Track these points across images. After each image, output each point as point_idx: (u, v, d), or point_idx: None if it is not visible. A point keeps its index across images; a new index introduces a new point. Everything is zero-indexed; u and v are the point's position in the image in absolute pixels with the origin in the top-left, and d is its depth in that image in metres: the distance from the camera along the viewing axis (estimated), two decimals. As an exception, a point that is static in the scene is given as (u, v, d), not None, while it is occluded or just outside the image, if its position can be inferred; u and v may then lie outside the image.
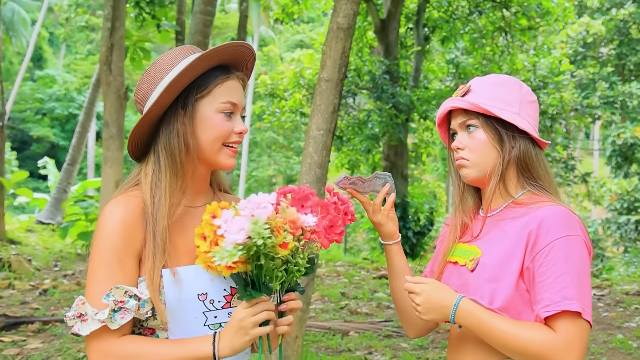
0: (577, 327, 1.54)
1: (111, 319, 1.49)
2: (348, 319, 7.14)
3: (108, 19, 7.46)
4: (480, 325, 1.59)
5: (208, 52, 1.59)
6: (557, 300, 1.55)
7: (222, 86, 1.63)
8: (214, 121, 1.61)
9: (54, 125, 34.53)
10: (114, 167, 7.50)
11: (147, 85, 1.64)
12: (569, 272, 1.56)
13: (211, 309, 1.59)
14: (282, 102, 15.08)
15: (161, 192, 1.58)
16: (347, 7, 4.47)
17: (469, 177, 1.77)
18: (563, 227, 1.60)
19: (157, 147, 1.62)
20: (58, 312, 6.80)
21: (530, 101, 1.77)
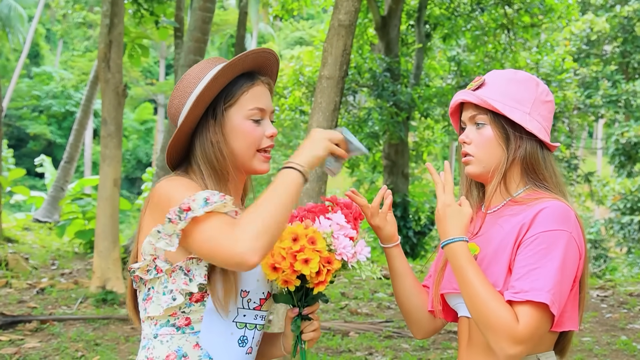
0: (536, 321, 1.55)
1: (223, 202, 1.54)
2: (348, 319, 7.15)
3: (106, 16, 7.46)
4: (462, 269, 1.62)
5: (230, 62, 1.66)
6: (525, 290, 1.56)
7: (249, 93, 1.70)
8: (244, 128, 1.69)
9: (50, 122, 34.51)
10: (111, 165, 7.50)
11: (177, 100, 1.72)
12: (545, 265, 1.57)
13: (245, 307, 1.67)
14: (282, 100, 15.07)
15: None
16: (349, 4, 4.47)
17: (471, 173, 1.79)
18: (553, 221, 1.61)
19: (196, 157, 1.70)
20: (55, 310, 6.81)
21: (544, 101, 1.77)
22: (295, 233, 1.59)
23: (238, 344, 1.66)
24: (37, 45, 38.39)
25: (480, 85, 1.78)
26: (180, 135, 1.69)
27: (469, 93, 1.77)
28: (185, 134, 1.70)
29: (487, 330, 1.56)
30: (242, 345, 1.67)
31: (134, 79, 33.10)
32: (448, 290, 1.80)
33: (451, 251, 1.64)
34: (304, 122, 16.28)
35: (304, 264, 1.57)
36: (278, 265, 1.58)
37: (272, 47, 34.86)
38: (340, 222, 1.65)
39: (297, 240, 1.58)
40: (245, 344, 1.68)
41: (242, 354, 1.67)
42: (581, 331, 6.83)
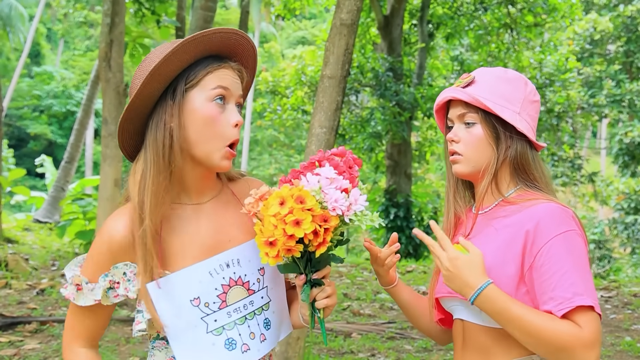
0: (595, 322, 1.53)
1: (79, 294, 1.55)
2: (351, 320, 7.14)
3: (107, 15, 7.46)
4: (503, 311, 1.54)
5: (193, 36, 1.51)
6: (569, 297, 1.53)
7: (213, 74, 1.54)
8: (204, 111, 1.52)
9: (51, 122, 34.55)
10: (112, 165, 7.50)
11: (138, 80, 1.54)
12: (573, 268, 1.55)
13: (208, 313, 1.53)
14: (284, 100, 15.07)
15: (148, 191, 1.50)
16: (351, 3, 4.46)
17: (460, 173, 1.76)
18: (560, 224, 1.59)
19: (146, 143, 1.55)
20: (55, 312, 6.81)
21: (532, 101, 1.75)
22: (281, 196, 1.45)
23: (227, 349, 1.54)
24: (38, 45, 38.45)
25: (469, 82, 1.75)
26: (131, 113, 1.53)
27: (459, 90, 1.74)
28: (138, 113, 1.54)
29: (560, 352, 1.52)
30: (232, 349, 1.55)
31: (135, 78, 33.10)
32: (442, 294, 1.78)
33: (485, 300, 1.56)
34: (306, 122, 16.27)
35: (297, 226, 1.43)
36: (272, 239, 1.44)
37: (274, 46, 34.89)
38: (330, 175, 1.50)
39: (284, 203, 1.44)
40: (235, 345, 1.55)
41: (237, 355, 1.55)
42: (585, 332, 6.81)
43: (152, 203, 1.49)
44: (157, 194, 1.50)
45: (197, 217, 1.60)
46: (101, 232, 1.56)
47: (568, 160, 15.94)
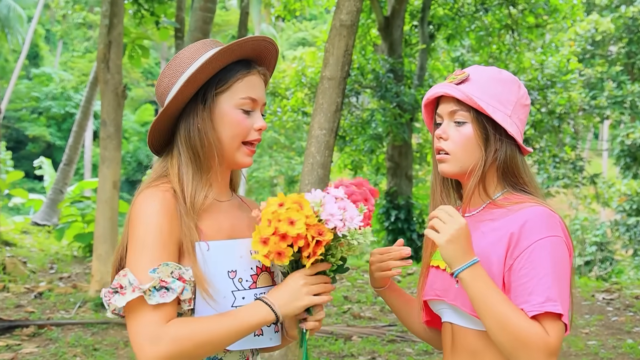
0: (560, 331, 1.54)
1: (150, 294, 1.47)
2: (351, 323, 7.13)
3: (106, 16, 7.46)
4: (483, 292, 1.55)
5: (228, 46, 1.61)
6: (541, 301, 1.53)
7: (243, 81, 1.65)
8: (232, 117, 1.64)
9: (50, 124, 34.54)
10: (111, 167, 7.49)
11: (167, 79, 1.67)
12: (551, 274, 1.55)
13: (240, 289, 1.61)
14: (284, 101, 15.07)
15: (189, 182, 1.61)
16: (351, 4, 4.46)
17: (447, 172, 1.74)
18: (544, 228, 1.59)
19: (178, 142, 1.65)
20: (53, 315, 6.80)
21: (523, 105, 1.75)
22: (282, 199, 1.53)
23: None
24: (37, 46, 38.45)
25: (463, 79, 1.72)
26: (165, 116, 1.64)
27: (452, 87, 1.71)
28: (171, 116, 1.65)
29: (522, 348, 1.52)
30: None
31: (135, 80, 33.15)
32: (430, 297, 1.78)
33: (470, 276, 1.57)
34: (306, 124, 16.27)
35: (290, 225, 1.49)
36: (265, 237, 1.51)
37: (273, 47, 34.87)
38: (338, 195, 1.58)
39: (282, 205, 1.52)
40: None
41: (250, 336, 1.61)
42: (587, 334, 6.81)
43: (192, 194, 1.60)
44: (197, 188, 1.62)
45: (220, 211, 1.69)
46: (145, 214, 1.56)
47: (569, 162, 15.93)
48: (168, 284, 1.49)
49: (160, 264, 1.50)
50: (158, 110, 1.79)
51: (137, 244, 1.53)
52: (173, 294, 1.48)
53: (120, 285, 1.49)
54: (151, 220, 1.53)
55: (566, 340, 6.51)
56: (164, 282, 1.48)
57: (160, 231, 1.53)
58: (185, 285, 1.51)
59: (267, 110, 15.81)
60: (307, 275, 1.56)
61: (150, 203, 1.56)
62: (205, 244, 1.58)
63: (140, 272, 1.49)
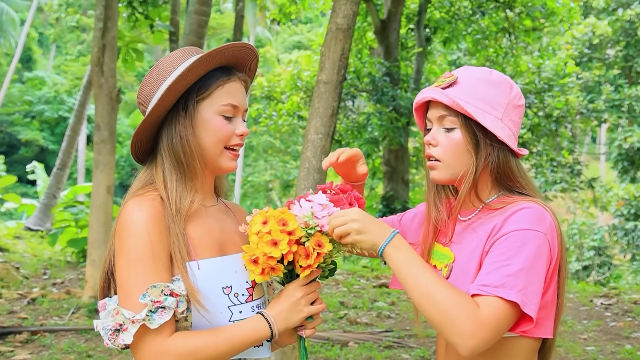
0: (501, 313, 1.48)
1: (149, 320, 1.49)
2: (347, 329, 7.12)
3: (100, 19, 7.46)
4: (407, 264, 1.54)
5: (208, 54, 1.63)
6: (495, 285, 1.50)
7: (223, 88, 1.68)
8: (214, 123, 1.66)
9: (43, 128, 34.48)
10: (105, 171, 7.49)
11: (148, 87, 1.69)
12: (517, 264, 1.51)
13: (236, 303, 1.63)
14: (279, 105, 15.08)
15: (173, 189, 1.63)
16: (347, 8, 4.47)
17: (438, 179, 1.72)
18: (527, 221, 1.56)
19: (161, 150, 1.68)
20: (47, 321, 6.78)
21: (516, 106, 1.71)
22: (265, 216, 1.57)
23: None
24: (30, 50, 38.40)
25: (451, 83, 1.69)
26: (147, 125, 1.66)
27: (439, 91, 1.68)
28: (153, 124, 1.67)
29: (447, 322, 1.48)
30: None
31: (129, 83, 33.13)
32: None
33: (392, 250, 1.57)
34: (301, 128, 16.27)
35: (274, 246, 1.53)
36: (254, 257, 1.55)
37: (269, 51, 34.94)
38: (322, 202, 1.61)
39: (266, 223, 1.55)
40: None
41: (251, 348, 1.64)
42: (585, 340, 6.82)
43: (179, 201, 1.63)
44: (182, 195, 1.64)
45: (207, 216, 1.71)
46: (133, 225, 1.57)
47: (567, 166, 15.97)
48: (162, 302, 1.50)
49: (148, 287, 1.51)
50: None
51: (126, 259, 1.54)
52: (170, 311, 1.51)
53: (120, 324, 1.51)
54: (139, 233, 1.54)
55: (564, 345, 6.51)
56: (158, 303, 1.50)
57: (149, 244, 1.54)
58: (178, 299, 1.53)
59: (263, 114, 15.83)
60: (303, 286, 1.61)
61: (138, 212, 1.56)
62: (195, 263, 1.59)
63: (131, 302, 1.51)
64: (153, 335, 1.50)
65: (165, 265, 1.55)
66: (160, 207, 1.60)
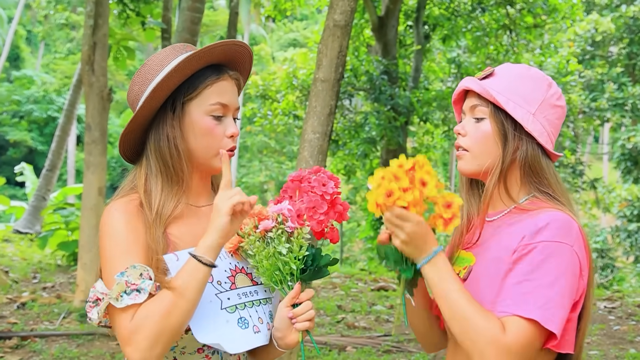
0: (526, 334, 1.49)
1: (120, 299, 1.50)
2: (345, 333, 7.13)
3: (90, 16, 7.46)
4: (440, 284, 1.55)
5: (195, 53, 1.62)
6: (514, 304, 1.52)
7: (212, 87, 1.66)
8: (202, 124, 1.65)
9: (32, 128, 34.41)
10: (96, 172, 7.48)
11: (137, 87, 1.68)
12: (539, 279, 1.52)
13: (221, 291, 1.64)
14: (274, 104, 15.08)
15: (157, 196, 1.63)
16: (344, 4, 4.48)
17: (464, 170, 1.74)
18: (554, 232, 1.56)
19: (147, 150, 1.67)
20: (37, 326, 6.78)
21: (553, 105, 1.71)
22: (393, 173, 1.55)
23: (239, 326, 1.64)
24: (18, 48, 38.32)
25: (488, 75, 1.73)
26: (135, 125, 1.65)
27: (474, 80, 1.72)
28: (141, 124, 1.67)
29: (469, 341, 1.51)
30: (244, 327, 1.64)
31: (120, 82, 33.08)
32: None
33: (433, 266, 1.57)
34: (297, 128, 16.28)
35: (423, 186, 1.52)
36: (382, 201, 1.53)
37: (264, 49, 34.94)
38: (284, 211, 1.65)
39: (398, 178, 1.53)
40: (248, 325, 1.65)
41: (250, 334, 1.64)
42: (588, 344, 6.83)
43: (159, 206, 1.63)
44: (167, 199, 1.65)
45: (196, 216, 1.71)
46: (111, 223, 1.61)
47: (569, 166, 16.00)
48: (138, 285, 1.51)
49: (128, 266, 1.53)
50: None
51: (104, 257, 1.60)
52: (145, 294, 1.51)
53: (96, 297, 1.55)
54: (114, 231, 1.59)
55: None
56: (134, 285, 1.51)
57: (123, 239, 1.58)
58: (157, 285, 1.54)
59: (257, 113, 15.83)
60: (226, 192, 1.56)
61: (113, 213, 1.61)
62: (173, 255, 1.60)
63: (109, 280, 1.55)
64: (124, 318, 1.50)
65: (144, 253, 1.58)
66: (137, 210, 1.63)
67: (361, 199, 18.79)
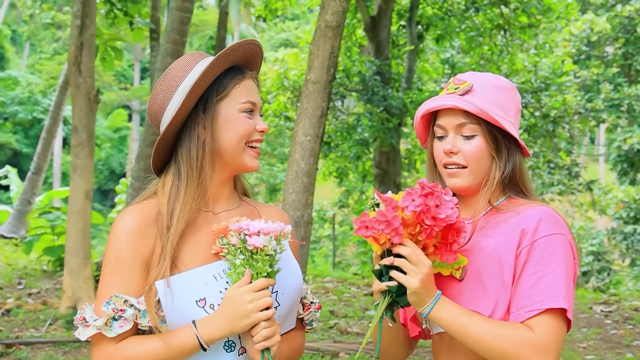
0: (556, 326, 1.59)
1: (110, 327, 1.59)
2: (338, 339, 7.13)
3: (77, 16, 7.44)
4: (456, 323, 1.60)
5: (224, 52, 1.70)
6: (541, 299, 1.59)
7: (240, 86, 1.74)
8: (238, 120, 1.72)
9: (16, 130, 34.28)
10: (83, 175, 7.46)
11: (162, 95, 1.73)
12: (554, 270, 1.61)
13: None
14: (265, 106, 15.07)
15: (179, 202, 1.67)
16: (336, 4, 4.49)
17: (459, 186, 1.77)
18: (555, 226, 1.66)
19: (178, 156, 1.72)
20: (22, 334, 6.75)
21: (519, 110, 1.82)
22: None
23: (225, 350, 1.67)
24: (2, 48, 38.19)
25: (468, 90, 1.75)
26: (170, 131, 1.70)
27: (460, 99, 1.73)
28: (175, 130, 1.71)
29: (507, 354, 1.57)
30: (230, 350, 1.68)
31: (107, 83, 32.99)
32: None
33: (438, 312, 1.61)
34: (289, 129, 16.28)
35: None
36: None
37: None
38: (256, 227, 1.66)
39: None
40: (234, 347, 1.68)
41: (235, 357, 1.68)
42: (585, 349, 6.86)
43: (182, 212, 1.67)
44: (187, 204, 1.68)
45: (208, 225, 1.73)
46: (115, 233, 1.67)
47: (565, 168, 16.05)
48: (125, 312, 1.60)
49: (112, 296, 1.61)
50: (132, 116, 1.83)
51: (102, 270, 1.67)
52: (130, 323, 1.60)
53: (84, 318, 1.63)
54: (115, 244, 1.65)
55: (563, 355, 6.55)
56: (120, 312, 1.60)
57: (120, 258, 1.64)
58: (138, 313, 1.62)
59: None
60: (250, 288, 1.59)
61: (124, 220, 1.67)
62: (163, 281, 1.62)
63: (97, 306, 1.64)
64: (108, 343, 1.61)
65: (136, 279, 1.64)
66: (152, 217, 1.67)
67: (354, 201, 18.78)
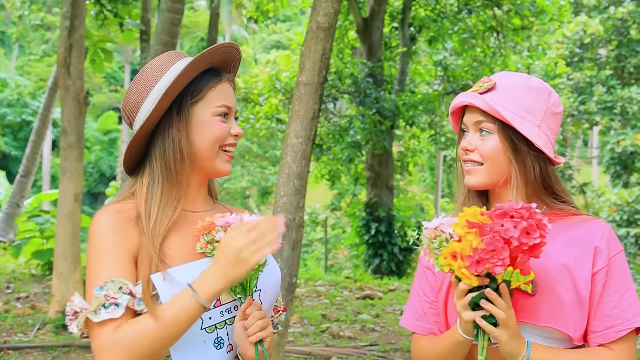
0: (632, 343, 1.65)
1: (98, 313, 1.53)
2: (330, 343, 7.13)
3: (66, 17, 7.42)
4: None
5: (201, 55, 1.70)
6: (629, 318, 1.64)
7: (216, 89, 1.74)
8: (212, 124, 1.72)
9: (5, 133, 34.17)
10: (72, 178, 7.44)
11: (136, 95, 1.72)
12: (631, 288, 1.67)
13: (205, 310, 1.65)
14: (257, 108, 15.07)
15: (156, 204, 1.67)
16: (328, 5, 4.49)
17: (474, 183, 1.77)
18: (616, 242, 1.70)
19: (152, 157, 1.72)
20: (10, 338, 6.72)
21: (554, 113, 1.77)
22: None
23: (215, 347, 1.68)
24: (-9, 50, 38.05)
25: (489, 88, 1.76)
26: (143, 132, 1.69)
27: (476, 96, 1.75)
28: (148, 131, 1.70)
29: None
30: (220, 348, 1.69)
31: (97, 85, 32.92)
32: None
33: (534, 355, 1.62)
34: (280, 132, 16.28)
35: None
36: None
37: (246, 51, 34.95)
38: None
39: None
40: (223, 344, 1.69)
41: (223, 354, 1.69)
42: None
43: (160, 214, 1.66)
44: (166, 206, 1.68)
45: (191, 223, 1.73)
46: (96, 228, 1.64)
47: (558, 170, 16.11)
48: (117, 299, 1.55)
49: (107, 281, 1.56)
50: (122, 119, 1.83)
51: (88, 264, 1.62)
52: (121, 309, 1.54)
53: (74, 311, 1.57)
54: (98, 238, 1.62)
55: None
56: (112, 299, 1.55)
57: (109, 247, 1.61)
58: (135, 300, 1.57)
59: (239, 117, 15.82)
60: (242, 236, 1.57)
61: (102, 218, 1.65)
62: (159, 274, 1.62)
63: (88, 293, 1.58)
64: (101, 331, 1.54)
65: (126, 267, 1.60)
66: (131, 216, 1.66)
67: (346, 204, 18.78)
